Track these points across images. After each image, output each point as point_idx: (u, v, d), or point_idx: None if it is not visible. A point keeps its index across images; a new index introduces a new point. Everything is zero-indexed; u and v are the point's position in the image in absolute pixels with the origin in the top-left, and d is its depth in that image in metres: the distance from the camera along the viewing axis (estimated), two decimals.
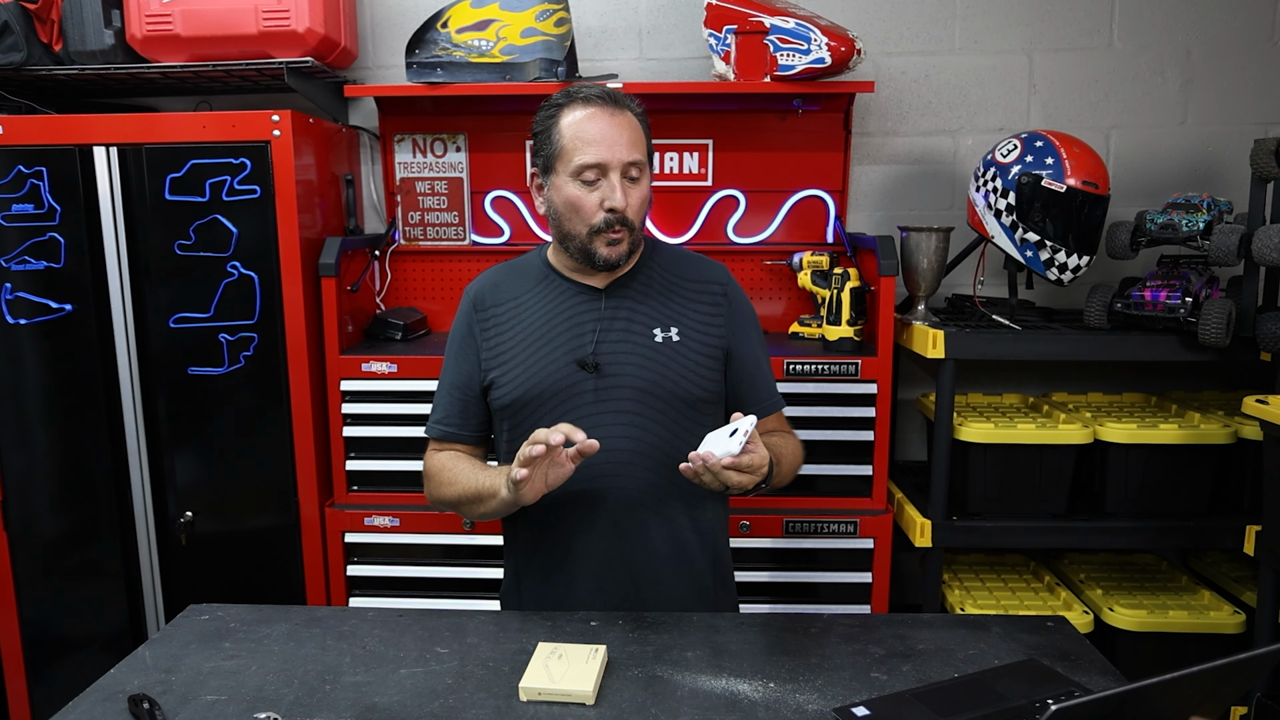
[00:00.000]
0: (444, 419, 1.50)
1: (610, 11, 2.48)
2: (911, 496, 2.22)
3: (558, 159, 1.37)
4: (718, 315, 1.47)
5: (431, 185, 2.53)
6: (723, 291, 1.49)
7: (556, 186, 1.38)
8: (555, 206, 1.40)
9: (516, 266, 1.52)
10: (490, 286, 1.50)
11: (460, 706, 1.09)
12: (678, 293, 1.47)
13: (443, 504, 1.46)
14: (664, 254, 1.52)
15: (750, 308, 1.53)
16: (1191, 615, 2.08)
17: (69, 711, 1.09)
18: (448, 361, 1.51)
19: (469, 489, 1.38)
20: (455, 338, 1.51)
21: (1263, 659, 0.86)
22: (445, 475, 1.44)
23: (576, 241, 1.38)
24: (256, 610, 1.36)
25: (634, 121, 1.39)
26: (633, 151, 1.36)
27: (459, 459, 1.46)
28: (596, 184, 1.35)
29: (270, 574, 2.23)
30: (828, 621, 1.31)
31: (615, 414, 1.39)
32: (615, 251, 1.38)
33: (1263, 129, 2.40)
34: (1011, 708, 1.05)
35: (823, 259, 2.37)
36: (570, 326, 1.42)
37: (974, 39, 2.44)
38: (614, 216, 1.35)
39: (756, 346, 1.51)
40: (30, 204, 2.10)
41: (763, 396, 1.51)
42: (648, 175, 1.41)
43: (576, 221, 1.37)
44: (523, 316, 1.45)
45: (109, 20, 2.19)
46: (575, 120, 1.36)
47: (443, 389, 1.51)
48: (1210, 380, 2.51)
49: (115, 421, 2.18)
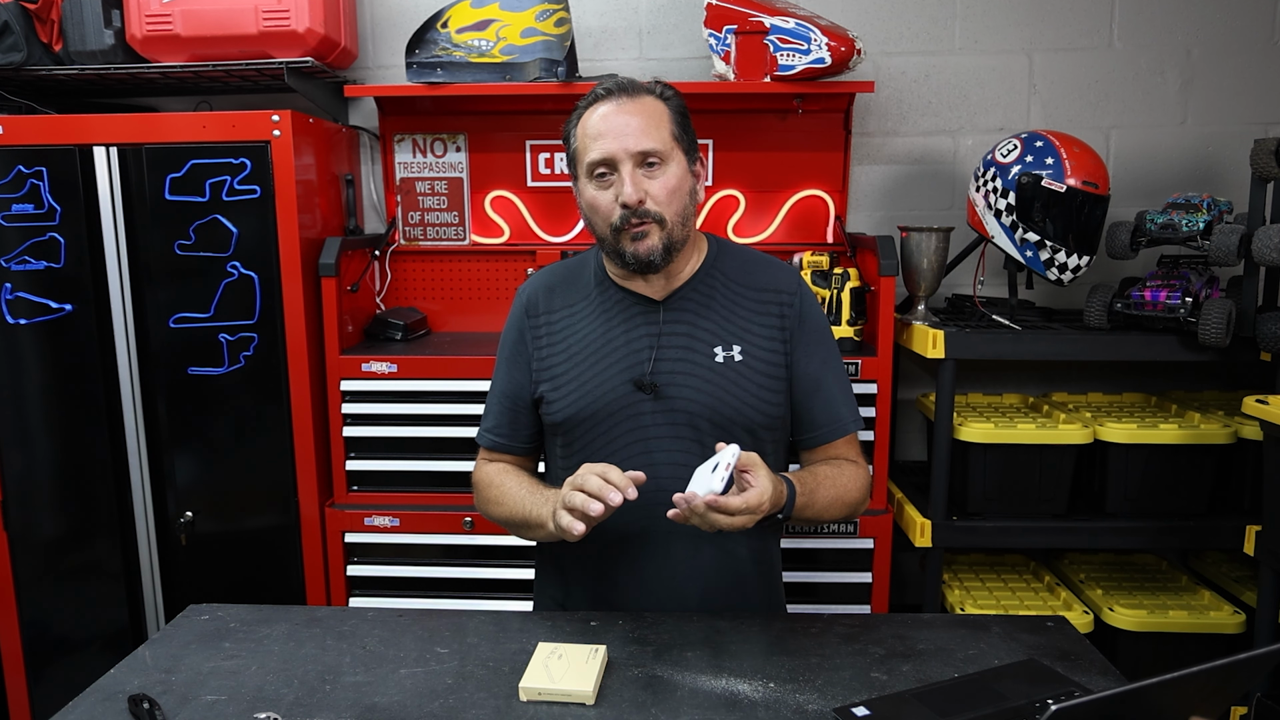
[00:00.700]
0: (494, 428, 1.44)
1: (610, 11, 2.48)
2: (911, 496, 2.22)
3: (577, 163, 1.33)
4: (784, 330, 1.37)
5: (431, 185, 2.53)
6: (791, 302, 1.38)
7: (581, 191, 1.34)
8: (584, 211, 1.35)
9: (572, 269, 1.45)
10: (544, 291, 1.43)
11: (460, 706, 1.09)
12: (742, 304, 1.37)
13: (491, 519, 1.41)
14: (731, 257, 1.41)
15: (821, 318, 1.42)
16: (1191, 615, 2.08)
17: (69, 711, 1.09)
18: (499, 367, 1.45)
19: (517, 514, 1.33)
20: (506, 342, 1.44)
21: (1263, 659, 0.85)
22: (494, 493, 1.39)
23: (606, 244, 1.33)
24: (256, 610, 1.36)
25: (653, 107, 1.30)
26: (644, 139, 1.27)
27: (508, 474, 1.40)
28: (609, 180, 1.29)
29: (270, 574, 2.23)
30: (828, 621, 1.31)
31: (673, 439, 1.32)
32: (644, 247, 1.28)
33: (1263, 129, 2.40)
34: (1011, 708, 1.05)
35: (823, 259, 2.37)
36: (626, 342, 1.35)
37: (974, 39, 2.44)
38: (628, 211, 1.27)
39: (819, 364, 1.39)
40: (30, 204, 2.10)
41: (821, 421, 1.39)
42: (677, 161, 1.31)
43: (599, 223, 1.32)
44: (577, 328, 1.38)
45: (109, 20, 2.19)
46: (587, 118, 1.31)
47: (494, 395, 1.45)
48: (1210, 380, 2.50)
49: (115, 421, 2.18)
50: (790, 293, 1.39)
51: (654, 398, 1.32)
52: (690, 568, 1.36)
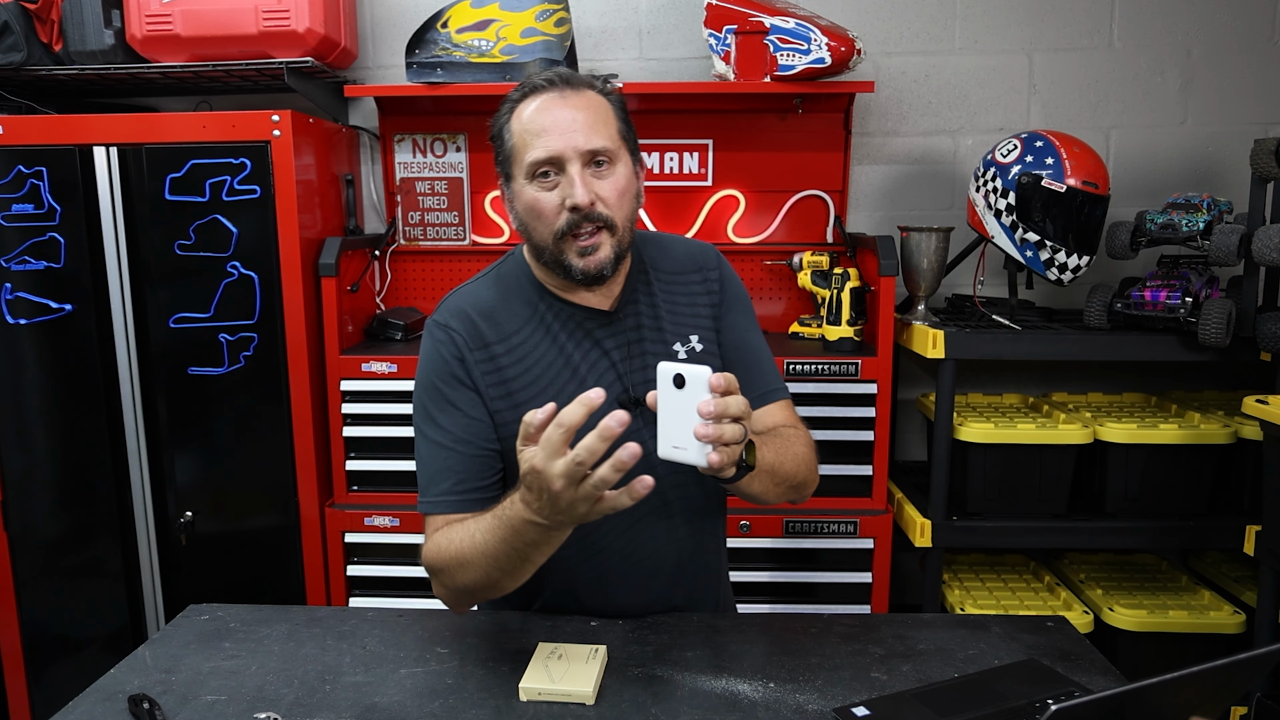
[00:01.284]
0: (459, 485, 1.19)
1: (610, 11, 2.48)
2: (911, 496, 2.22)
3: (513, 162, 1.20)
4: (713, 306, 1.32)
5: (431, 185, 2.53)
6: (714, 276, 1.33)
7: (516, 193, 1.20)
8: (519, 216, 1.22)
9: (502, 284, 1.28)
10: (479, 317, 1.24)
11: (460, 706, 1.09)
12: (678, 293, 1.31)
13: (465, 590, 1.14)
14: (650, 247, 1.34)
15: (740, 285, 1.36)
16: (1191, 615, 2.08)
17: (69, 711, 1.09)
18: (436, 415, 1.22)
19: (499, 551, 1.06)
20: (439, 384, 1.22)
21: (1263, 659, 0.85)
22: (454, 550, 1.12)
23: (547, 253, 1.19)
24: (256, 610, 1.36)
25: (596, 102, 1.19)
26: (593, 137, 1.16)
27: (460, 526, 1.14)
28: (554, 180, 1.17)
29: (270, 574, 2.23)
30: (828, 621, 1.30)
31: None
32: (592, 262, 1.17)
33: (1263, 129, 2.40)
34: (1011, 708, 1.05)
35: (823, 259, 2.37)
36: (595, 362, 1.24)
37: (974, 39, 2.44)
38: (578, 215, 1.15)
39: (744, 330, 1.33)
40: (30, 204, 2.10)
41: (757, 386, 1.30)
42: (624, 161, 1.20)
43: (541, 228, 1.18)
44: (533, 357, 1.23)
45: (109, 20, 2.19)
46: (523, 112, 1.19)
47: (438, 451, 1.21)
48: (1210, 380, 2.50)
49: (115, 421, 2.18)
50: (712, 267, 1.34)
51: (640, 412, 1.20)
52: (678, 580, 1.32)
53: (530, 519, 1.00)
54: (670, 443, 0.98)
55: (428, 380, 1.24)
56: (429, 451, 1.23)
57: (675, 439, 0.98)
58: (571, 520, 0.98)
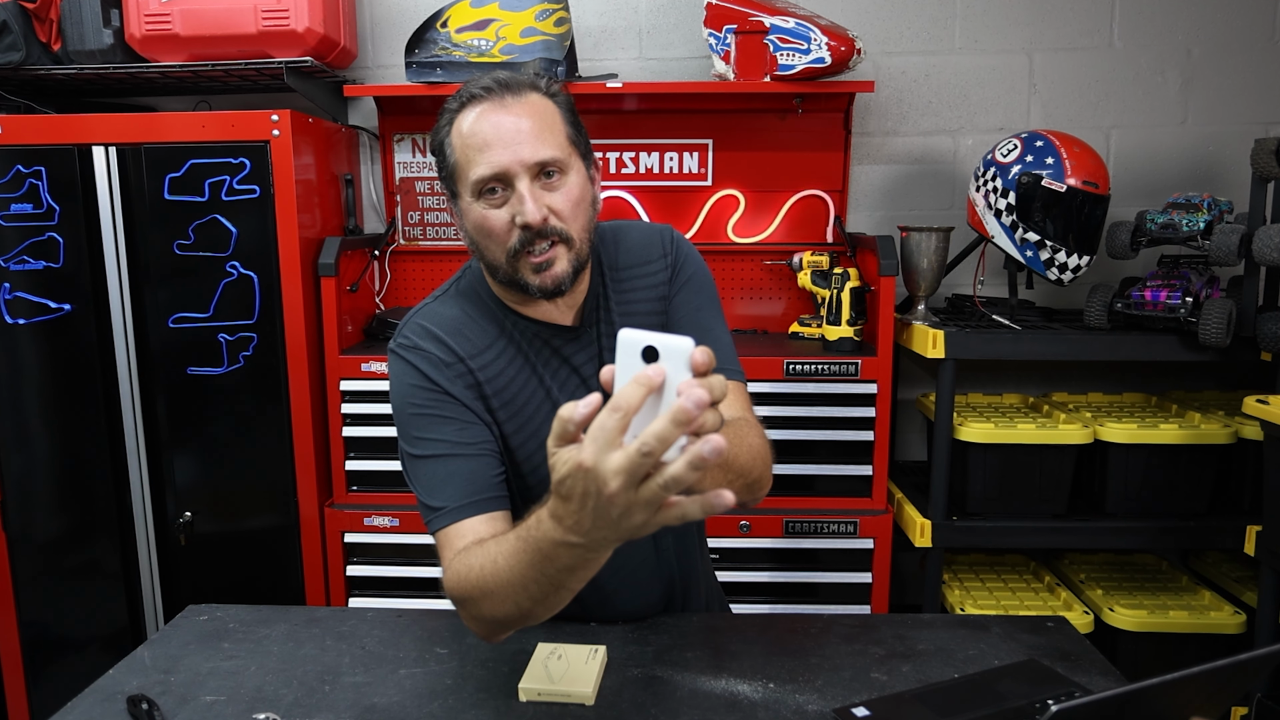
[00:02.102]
0: (466, 490, 1.10)
1: (610, 11, 2.48)
2: (911, 496, 2.22)
3: (457, 179, 1.12)
4: (666, 289, 1.24)
5: (431, 185, 2.53)
6: (666, 264, 1.24)
7: (464, 211, 1.13)
8: (469, 235, 1.14)
9: (464, 301, 1.21)
10: (450, 336, 1.17)
11: (460, 707, 1.09)
12: (637, 291, 1.24)
13: (499, 622, 1.01)
14: (606, 245, 1.25)
15: (698, 265, 1.26)
16: (1192, 615, 2.08)
17: (68, 712, 1.09)
18: (424, 431, 1.13)
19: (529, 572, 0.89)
20: (421, 402, 1.14)
21: (1263, 659, 0.85)
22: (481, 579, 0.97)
23: (501, 272, 1.13)
24: (256, 610, 1.36)
25: (541, 106, 1.10)
26: (540, 148, 1.07)
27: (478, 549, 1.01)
28: (503, 197, 1.08)
29: (270, 574, 2.23)
30: (828, 621, 1.30)
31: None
32: (549, 278, 1.10)
33: (1263, 129, 2.40)
34: (1012, 708, 1.05)
35: (823, 259, 2.37)
36: (565, 379, 1.19)
37: (974, 39, 2.44)
38: (530, 233, 1.08)
39: (694, 310, 1.24)
40: (29, 204, 2.10)
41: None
42: (576, 169, 1.12)
43: (492, 248, 1.11)
44: (506, 375, 1.18)
45: (108, 20, 2.19)
46: (462, 125, 1.10)
47: (436, 463, 1.12)
48: (1210, 380, 2.50)
49: (114, 421, 2.18)
50: (666, 252, 1.25)
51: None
52: (671, 588, 1.32)
53: (563, 539, 0.81)
54: (633, 430, 0.74)
55: (406, 404, 1.15)
56: (425, 469, 1.13)
57: (639, 425, 0.74)
58: (619, 535, 0.78)
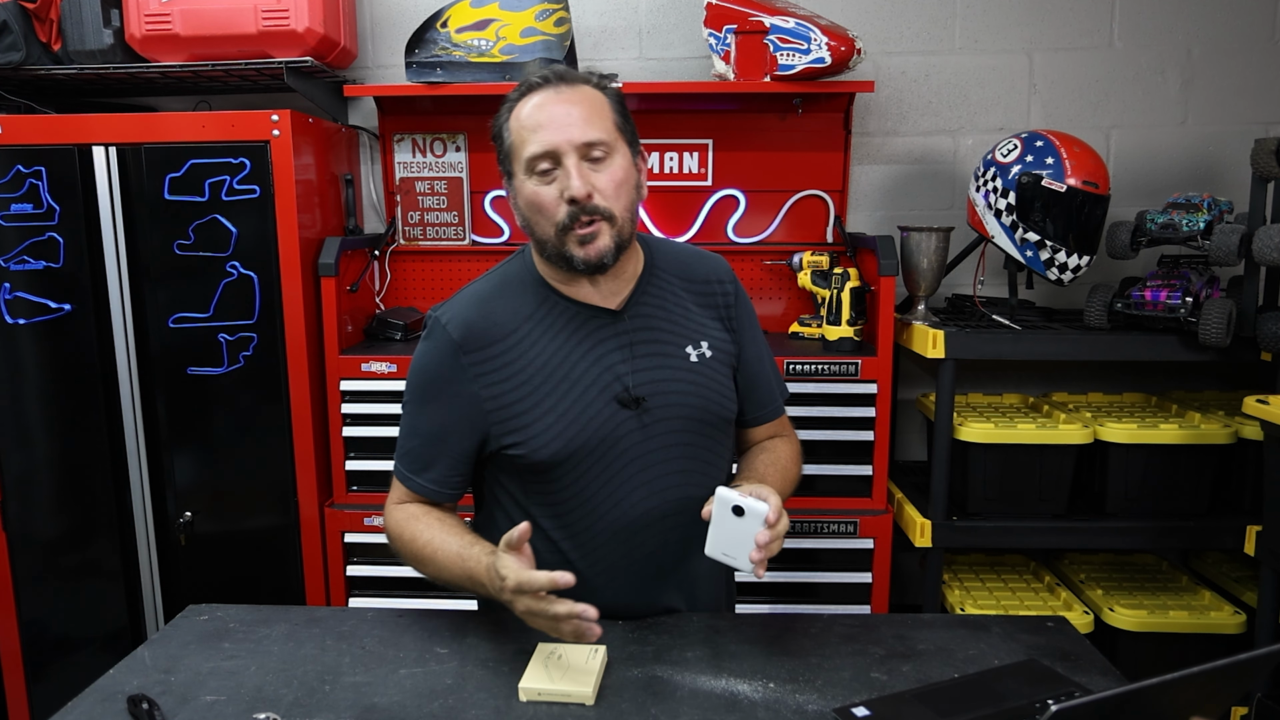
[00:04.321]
0: (424, 472, 1.29)
1: (610, 11, 2.48)
2: (911, 496, 2.22)
3: (512, 158, 1.23)
4: (727, 319, 1.35)
5: (431, 185, 2.53)
6: (729, 290, 1.36)
7: (517, 189, 1.24)
8: (522, 212, 1.25)
9: (506, 284, 1.30)
10: (479, 319, 1.26)
11: (460, 706, 1.09)
12: (691, 300, 1.33)
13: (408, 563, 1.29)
14: (663, 254, 1.36)
15: (749, 301, 1.41)
16: (1192, 615, 2.08)
17: (68, 712, 1.09)
18: (421, 405, 1.29)
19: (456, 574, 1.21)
20: (429, 379, 1.28)
21: (1263, 659, 0.85)
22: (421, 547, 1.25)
23: (550, 246, 1.22)
24: (256, 610, 1.36)
25: (592, 96, 1.22)
26: (589, 129, 1.18)
27: (432, 523, 1.26)
28: (552, 174, 1.19)
29: (270, 574, 2.23)
30: (828, 621, 1.30)
31: (664, 449, 1.25)
32: (593, 250, 1.19)
33: (1263, 129, 2.40)
34: (1012, 708, 1.05)
35: (823, 259, 2.37)
36: (595, 360, 1.25)
37: (974, 39, 2.44)
38: (576, 207, 1.17)
39: (758, 346, 1.39)
40: (29, 204, 2.10)
41: (764, 401, 1.39)
42: (621, 153, 1.22)
43: (542, 222, 1.21)
44: (531, 356, 1.25)
45: (108, 20, 2.19)
46: (522, 111, 1.22)
47: (415, 435, 1.30)
48: (1210, 380, 2.50)
49: (114, 421, 2.18)
50: (727, 280, 1.37)
51: (640, 412, 1.24)
52: (685, 582, 1.33)
53: (480, 581, 1.15)
54: (720, 549, 1.13)
55: (420, 369, 1.30)
56: (409, 427, 1.31)
57: (725, 548, 1.13)
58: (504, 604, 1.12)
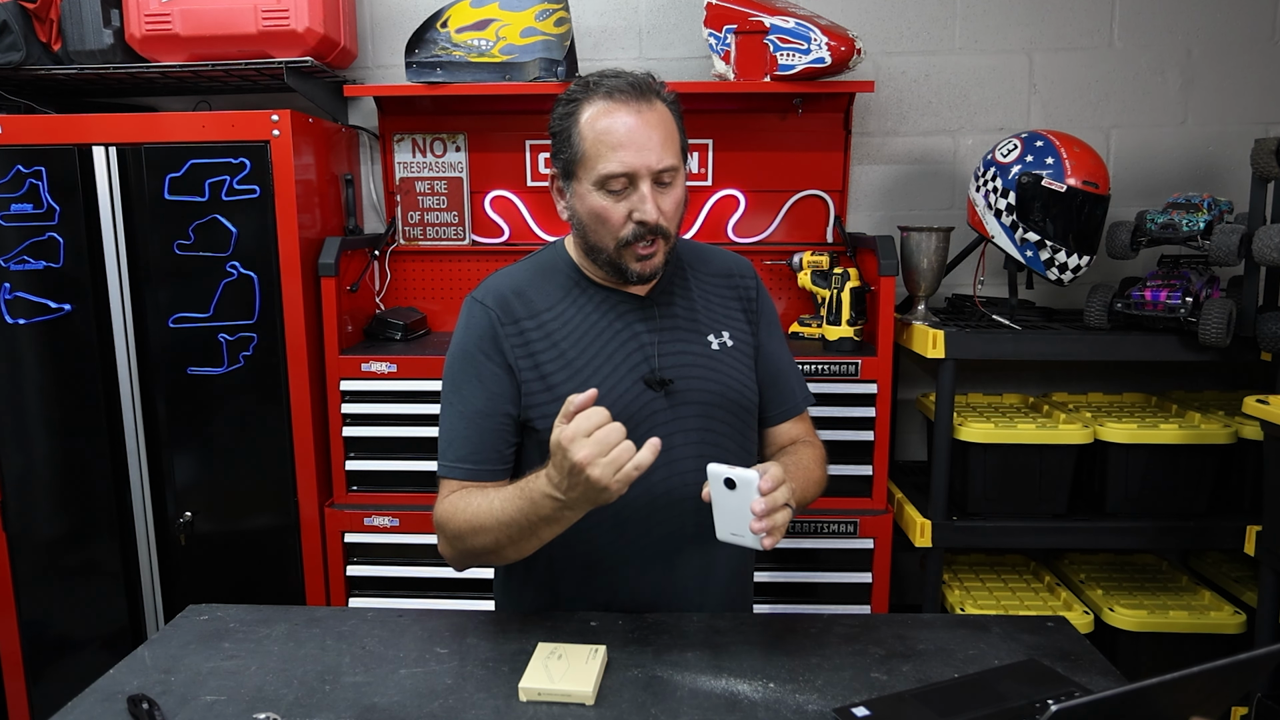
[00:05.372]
0: (470, 455, 1.27)
1: (610, 11, 2.48)
2: (911, 496, 2.22)
3: (579, 165, 1.23)
4: (748, 313, 1.40)
5: (431, 185, 2.53)
6: (750, 285, 1.41)
7: (579, 195, 1.25)
8: (579, 216, 1.26)
9: (538, 269, 1.34)
10: (513, 295, 1.30)
11: (460, 706, 1.09)
12: (712, 292, 1.38)
13: (473, 552, 1.25)
14: (689, 250, 1.41)
15: (771, 301, 1.46)
16: (1192, 615, 2.08)
17: (68, 712, 1.09)
18: (463, 385, 1.28)
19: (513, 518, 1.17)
20: (470, 356, 1.28)
21: (1263, 659, 0.85)
22: (468, 515, 1.22)
23: (604, 255, 1.26)
24: (256, 610, 1.36)
25: (665, 115, 1.23)
26: (665, 155, 1.21)
27: (475, 492, 1.25)
28: (624, 193, 1.22)
29: (270, 574, 2.23)
30: (828, 621, 1.30)
31: (686, 432, 1.29)
32: (649, 266, 1.25)
33: (1263, 129, 2.40)
34: (1012, 708, 1.05)
35: (823, 259, 2.37)
36: (624, 341, 1.29)
37: (974, 39, 2.44)
38: (644, 229, 1.22)
39: (777, 343, 1.43)
40: (29, 204, 2.10)
41: (784, 398, 1.42)
42: (682, 176, 1.26)
43: (603, 234, 1.24)
44: (565, 332, 1.29)
45: (108, 20, 2.19)
46: (597, 119, 1.21)
47: (458, 419, 1.28)
48: (1210, 380, 2.50)
49: (114, 421, 2.18)
50: (749, 276, 1.42)
51: (665, 394, 1.28)
52: (701, 565, 1.34)
53: (549, 492, 1.11)
54: (728, 530, 1.12)
55: (458, 350, 1.31)
56: (450, 418, 1.30)
57: (732, 527, 1.11)
58: (587, 498, 1.08)
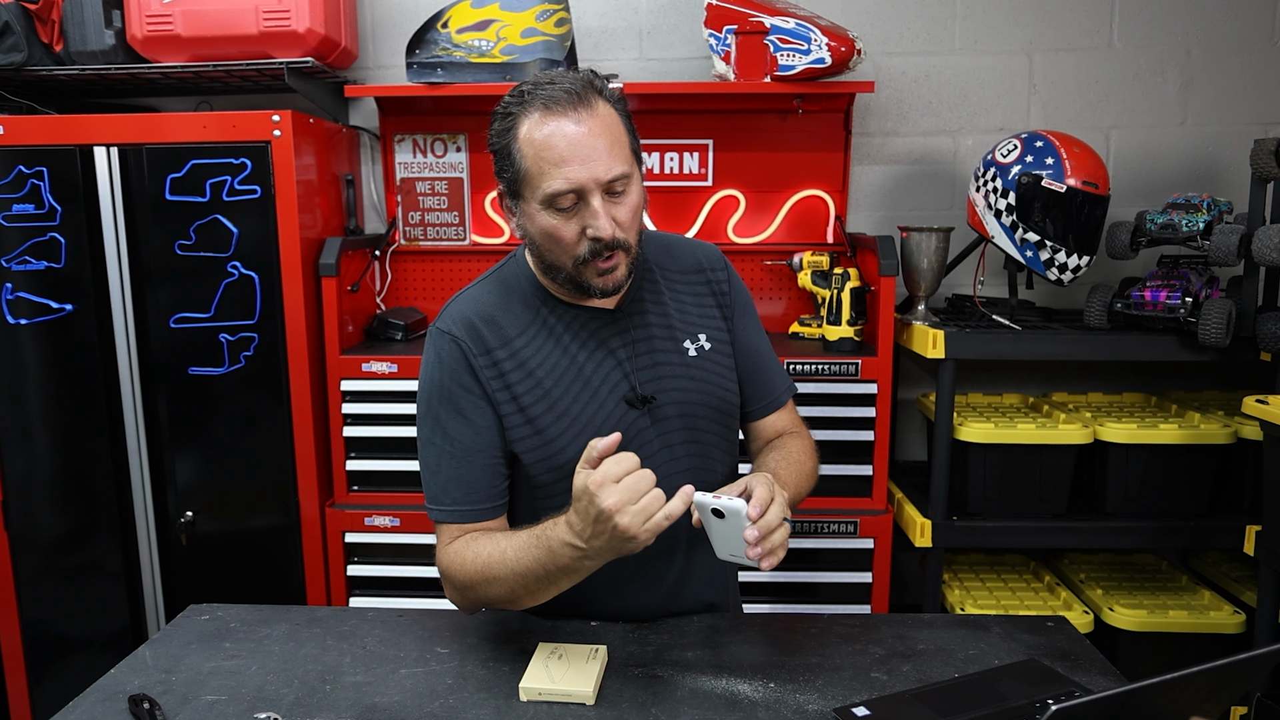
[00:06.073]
0: (467, 496, 1.20)
1: (610, 11, 2.48)
2: (911, 496, 2.22)
3: (523, 184, 1.14)
4: (722, 307, 1.33)
5: (431, 185, 2.53)
6: (722, 278, 1.34)
7: (528, 214, 1.16)
8: (531, 236, 1.18)
9: (503, 288, 1.26)
10: (481, 322, 1.22)
11: (460, 706, 1.09)
12: (682, 292, 1.31)
13: (485, 602, 1.19)
14: (650, 245, 1.31)
15: (745, 288, 1.37)
16: (1191, 615, 2.08)
17: (69, 711, 1.09)
18: (443, 424, 1.21)
19: (529, 569, 1.10)
20: (445, 392, 1.20)
21: (1263, 659, 0.86)
22: (479, 564, 1.15)
23: (563, 274, 1.18)
24: (256, 610, 1.36)
25: (610, 118, 1.13)
26: (614, 164, 1.11)
27: (485, 538, 1.17)
28: (574, 210, 1.13)
29: (270, 574, 2.23)
30: (828, 621, 1.30)
31: (672, 446, 1.25)
32: (611, 280, 1.17)
33: (1263, 129, 2.40)
34: (1011, 708, 1.05)
35: (823, 259, 2.37)
36: (600, 362, 1.23)
37: (974, 39, 2.44)
38: (600, 244, 1.13)
39: (754, 333, 1.36)
40: (31, 204, 2.10)
41: (766, 391, 1.36)
42: (637, 180, 1.17)
43: (559, 253, 1.16)
44: (538, 360, 1.22)
45: (109, 20, 2.19)
46: (534, 133, 1.11)
47: (446, 461, 1.21)
48: (1210, 380, 2.50)
49: (115, 421, 2.18)
50: (719, 267, 1.35)
51: (647, 410, 1.23)
52: (688, 573, 1.32)
53: (570, 541, 1.05)
54: (727, 551, 1.11)
55: (433, 388, 1.22)
56: (437, 460, 1.22)
57: (729, 549, 1.11)
58: (611, 548, 1.04)
